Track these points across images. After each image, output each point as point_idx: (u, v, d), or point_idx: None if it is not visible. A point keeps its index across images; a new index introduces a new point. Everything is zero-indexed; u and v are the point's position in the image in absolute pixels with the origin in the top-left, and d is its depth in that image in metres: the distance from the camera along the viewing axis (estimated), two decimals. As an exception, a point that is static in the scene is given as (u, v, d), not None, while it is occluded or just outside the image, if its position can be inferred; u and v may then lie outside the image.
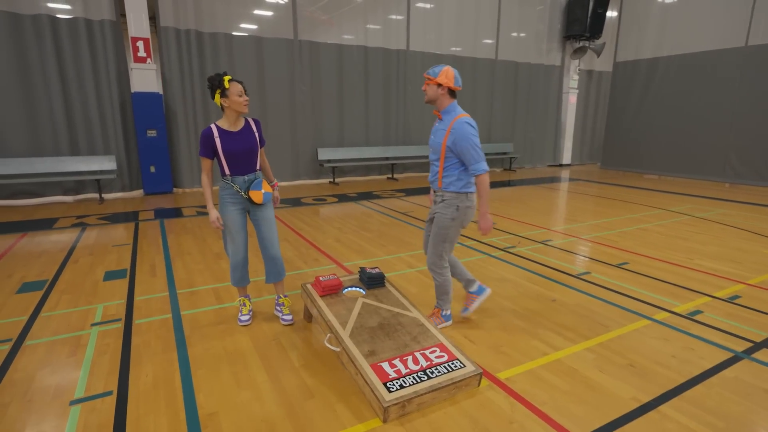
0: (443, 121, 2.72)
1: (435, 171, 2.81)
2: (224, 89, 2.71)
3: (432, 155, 2.81)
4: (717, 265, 4.41)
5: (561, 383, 2.41)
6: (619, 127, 12.17)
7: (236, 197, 2.88)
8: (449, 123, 2.67)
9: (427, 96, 2.72)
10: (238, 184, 2.85)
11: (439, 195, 2.80)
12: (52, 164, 7.39)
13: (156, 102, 7.98)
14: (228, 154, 2.80)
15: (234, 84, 2.72)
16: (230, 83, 2.70)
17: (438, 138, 2.74)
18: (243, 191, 2.85)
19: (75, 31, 7.40)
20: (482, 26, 11.56)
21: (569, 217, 6.72)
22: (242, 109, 2.76)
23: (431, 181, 2.86)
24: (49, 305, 3.39)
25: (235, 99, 2.72)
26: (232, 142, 2.79)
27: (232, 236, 2.94)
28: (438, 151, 2.73)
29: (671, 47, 10.76)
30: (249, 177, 2.88)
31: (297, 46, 9.25)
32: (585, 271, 4.20)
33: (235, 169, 2.84)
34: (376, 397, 2.10)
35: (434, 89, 2.68)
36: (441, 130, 2.73)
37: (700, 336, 2.95)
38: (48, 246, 4.97)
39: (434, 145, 2.77)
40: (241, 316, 3.09)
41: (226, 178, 2.85)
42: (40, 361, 2.61)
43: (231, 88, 2.70)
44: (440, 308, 3.04)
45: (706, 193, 8.85)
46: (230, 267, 3.05)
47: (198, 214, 6.69)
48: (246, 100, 2.76)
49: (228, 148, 2.78)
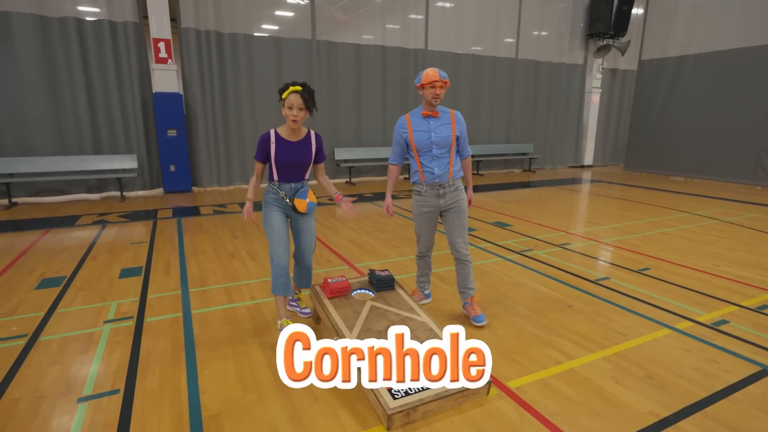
0: (440, 118, 2.90)
1: (444, 164, 2.92)
2: (280, 99, 2.70)
3: (438, 150, 2.90)
4: (745, 272, 4.21)
5: (574, 394, 2.32)
6: (644, 128, 11.81)
7: (280, 202, 2.85)
8: (449, 116, 2.92)
9: (440, 99, 2.84)
10: (284, 191, 2.84)
11: (450, 185, 2.96)
12: (76, 163, 7.59)
13: (176, 102, 8.11)
14: (279, 163, 2.77)
15: (291, 97, 2.64)
16: (289, 95, 2.64)
17: (446, 131, 2.89)
18: (288, 198, 2.83)
19: (99, 33, 7.58)
20: (502, 25, 11.38)
21: (589, 220, 6.54)
22: (289, 123, 2.70)
23: (439, 175, 2.91)
24: (65, 301, 3.45)
25: (285, 111, 2.69)
26: (287, 151, 2.77)
27: (274, 237, 2.82)
28: (448, 144, 2.90)
29: (700, 45, 10.38)
30: (296, 185, 2.85)
31: (315, 47, 9.28)
32: (604, 277, 4.06)
33: (283, 177, 2.82)
34: (381, 404, 2.05)
35: (445, 92, 2.85)
36: (445, 124, 2.90)
37: (725, 347, 2.81)
38: (69, 243, 5.09)
39: (441, 139, 2.88)
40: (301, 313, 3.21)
41: (273, 183, 2.85)
42: (52, 357, 2.65)
43: (286, 99, 2.66)
44: (473, 294, 3.15)
45: (734, 196, 8.50)
46: (273, 273, 2.83)
47: (215, 213, 6.77)
48: (294, 115, 2.66)
49: (281, 157, 2.76)
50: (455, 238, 3.03)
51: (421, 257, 3.29)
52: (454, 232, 3.03)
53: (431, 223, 3.10)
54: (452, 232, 3.04)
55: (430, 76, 2.75)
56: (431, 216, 3.06)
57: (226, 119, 8.85)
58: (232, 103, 8.82)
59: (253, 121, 9.05)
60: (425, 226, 3.11)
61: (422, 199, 3.01)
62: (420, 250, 3.26)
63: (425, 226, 3.11)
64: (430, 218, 3.07)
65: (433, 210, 3.02)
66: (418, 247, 3.25)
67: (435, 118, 2.90)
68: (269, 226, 2.84)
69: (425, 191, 2.98)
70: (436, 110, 2.88)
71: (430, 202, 2.99)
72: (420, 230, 3.15)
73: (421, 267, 3.34)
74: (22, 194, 7.45)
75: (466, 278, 3.10)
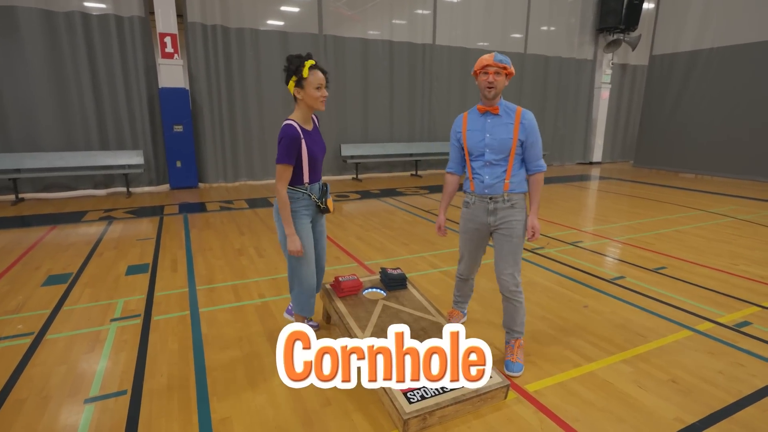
0: (501, 116, 2.34)
1: (499, 173, 2.37)
2: (301, 77, 2.22)
3: (492, 155, 2.36)
4: (765, 272, 4.09)
5: (595, 398, 2.24)
6: (655, 124, 11.63)
7: (310, 208, 2.45)
8: (514, 115, 2.33)
9: (496, 90, 2.28)
10: (315, 193, 2.45)
11: (504, 200, 2.40)
12: (83, 158, 7.56)
13: (182, 97, 8.05)
14: (312, 159, 2.35)
15: (315, 73, 2.23)
16: (311, 71, 2.22)
17: (504, 133, 2.32)
18: (320, 201, 2.46)
19: (105, 28, 7.53)
20: (511, 20, 11.23)
21: (600, 217, 6.42)
22: (318, 106, 2.30)
23: (491, 186, 2.39)
24: (72, 299, 3.41)
25: (312, 92, 2.25)
26: (311, 143, 2.35)
27: (308, 256, 2.44)
28: (507, 148, 2.33)
29: (713, 39, 10.18)
30: (321, 183, 2.50)
31: (322, 41, 9.19)
32: (619, 276, 3.97)
33: (313, 176, 2.41)
34: (396, 408, 1.98)
35: (505, 81, 2.30)
36: (506, 124, 2.33)
37: (749, 350, 2.71)
38: (75, 239, 5.05)
39: (499, 143, 2.33)
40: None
41: (302, 188, 2.38)
42: (58, 356, 2.60)
43: (310, 77, 2.22)
44: (520, 337, 2.57)
45: (748, 193, 8.34)
46: (302, 294, 2.52)
47: (221, 209, 6.71)
48: (324, 95, 2.29)
49: (312, 152, 2.33)
50: (501, 268, 2.47)
51: (462, 280, 2.82)
52: (501, 261, 2.48)
53: (477, 242, 2.59)
54: (499, 261, 2.49)
55: (484, 60, 2.27)
56: (478, 234, 2.54)
57: (233, 115, 8.79)
58: (238, 98, 8.75)
59: (260, 116, 8.99)
60: (469, 245, 2.62)
61: (469, 212, 2.52)
62: (461, 271, 2.77)
63: (469, 245, 2.61)
64: (476, 237, 2.56)
65: (481, 228, 2.50)
66: (459, 267, 2.77)
67: (494, 116, 2.36)
68: (303, 242, 2.41)
69: (473, 203, 2.48)
70: (495, 105, 2.34)
71: (478, 218, 2.48)
72: (463, 249, 2.67)
73: (461, 289, 2.87)
74: (28, 190, 7.44)
75: (512, 319, 2.54)
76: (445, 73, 10.61)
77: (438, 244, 4.88)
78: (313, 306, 2.63)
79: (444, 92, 10.71)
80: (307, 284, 2.52)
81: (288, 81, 2.27)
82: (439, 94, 10.68)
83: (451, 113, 10.93)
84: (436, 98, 10.69)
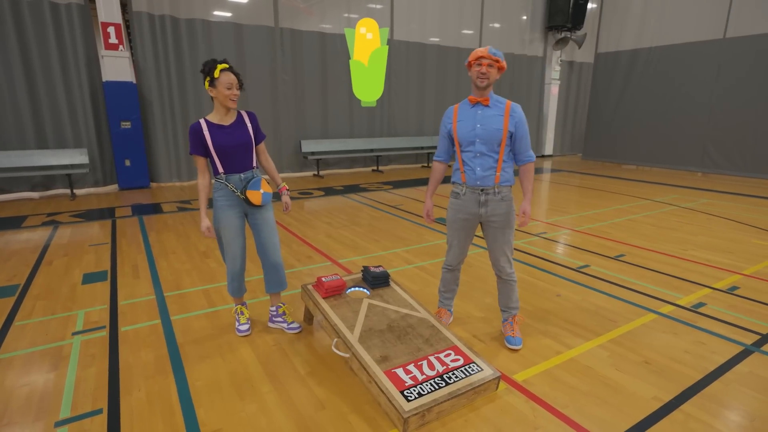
0: (492, 107, 2.41)
1: (490, 164, 2.43)
2: (213, 78, 2.43)
3: (482, 146, 2.41)
4: (710, 255, 4.44)
5: (579, 384, 2.33)
6: (600, 118, 12.29)
7: (232, 198, 2.60)
8: (504, 107, 2.40)
9: (488, 81, 2.35)
10: (234, 183, 2.59)
11: (495, 192, 2.46)
12: (17, 158, 6.93)
13: (130, 92, 7.56)
14: (219, 150, 2.52)
15: (226, 74, 2.44)
16: (222, 73, 2.43)
17: (495, 124, 2.38)
18: (239, 191, 2.58)
19: (39, 15, 6.91)
20: (466, 16, 11.43)
21: (558, 208, 6.71)
22: (228, 104, 2.49)
23: (482, 177, 2.44)
24: (23, 313, 3.12)
25: (222, 91, 2.45)
26: (223, 136, 2.52)
27: (228, 242, 2.66)
28: (498, 140, 2.39)
29: (652, 39, 10.88)
30: (246, 175, 2.62)
31: (278, 34, 8.92)
32: (584, 264, 4.16)
33: (229, 167, 2.58)
34: (395, 407, 1.97)
35: (497, 75, 2.38)
36: (496, 115, 2.39)
37: (708, 329, 2.93)
38: (17, 246, 4.63)
39: (489, 134, 2.39)
40: (240, 326, 2.83)
41: (220, 177, 2.58)
42: (17, 376, 2.37)
43: (221, 77, 2.43)
44: (517, 313, 2.77)
45: (685, 183, 9.01)
46: (227, 276, 2.78)
47: (179, 209, 6.39)
48: (234, 94, 2.48)
49: (219, 143, 2.51)
50: (498, 255, 2.60)
51: (450, 270, 2.83)
52: (497, 250, 2.58)
53: (466, 232, 2.64)
54: (494, 250, 2.60)
55: (478, 52, 2.34)
56: (467, 225, 2.60)
57: (185, 110, 8.37)
58: (191, 93, 8.33)
59: (215, 112, 8.60)
60: (458, 235, 2.65)
61: (459, 203, 2.56)
62: (449, 261, 2.79)
63: (459, 234, 2.65)
64: (466, 227, 2.61)
65: (471, 218, 2.56)
66: (447, 258, 2.79)
67: (484, 107, 2.41)
68: (221, 226, 2.62)
69: (464, 194, 2.53)
70: (486, 96, 2.40)
71: (468, 209, 2.53)
72: (452, 239, 2.70)
73: (447, 281, 2.88)
74: (-46, 194, 6.73)
75: (508, 297, 2.72)
76: (403, 68, 10.65)
77: (409, 240, 4.91)
78: (237, 288, 2.81)
79: (402, 87, 10.75)
80: (230, 267, 2.73)
81: (204, 81, 2.48)
82: (398, 90, 10.70)
83: (410, 108, 11.00)
84: (395, 93, 10.71)
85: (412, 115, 11.13)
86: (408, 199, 7.21)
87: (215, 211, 2.63)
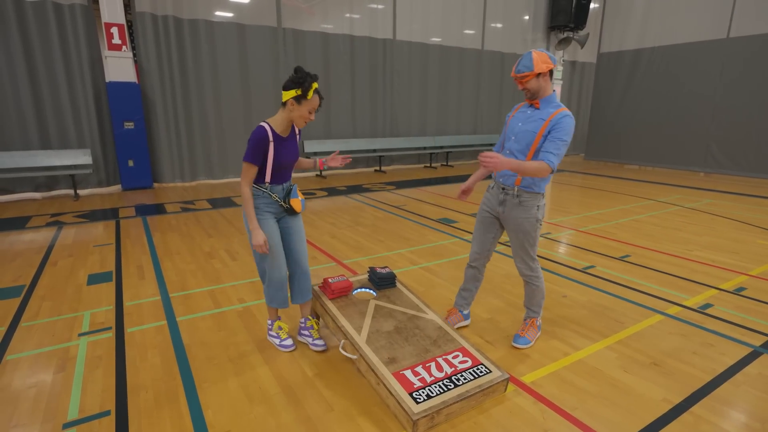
0: (540, 110, 2.39)
1: None
2: (304, 95, 2.29)
3: (515, 145, 2.43)
4: (716, 256, 4.43)
5: (588, 385, 2.33)
6: (603, 118, 12.27)
7: (273, 206, 2.51)
8: (551, 113, 2.34)
9: (530, 92, 2.38)
10: (277, 193, 2.50)
11: (514, 194, 2.47)
12: (21, 159, 6.92)
13: (133, 92, 7.56)
14: (277, 164, 2.43)
15: (315, 98, 2.34)
16: (314, 94, 2.32)
17: (532, 127, 2.38)
18: (282, 200, 2.51)
19: (42, 16, 6.91)
20: (468, 16, 11.41)
21: (562, 209, 6.70)
22: (299, 124, 2.42)
23: (504, 175, 2.48)
24: (29, 314, 3.12)
25: (304, 112, 2.35)
26: (284, 150, 2.44)
27: (273, 251, 2.49)
28: (530, 141, 2.37)
29: (655, 38, 10.85)
30: (287, 185, 2.55)
31: (281, 34, 8.92)
32: (590, 265, 4.15)
33: (276, 179, 2.48)
34: (404, 410, 1.96)
35: (537, 82, 2.34)
36: (539, 119, 2.37)
37: (716, 331, 2.92)
38: (22, 247, 4.63)
39: (524, 133, 2.40)
40: (283, 342, 2.66)
41: (264, 186, 2.46)
42: (24, 378, 2.37)
43: (312, 98, 2.32)
44: (536, 317, 2.77)
45: (689, 183, 8.99)
46: (270, 287, 2.57)
47: (183, 210, 6.39)
48: (312, 119, 2.41)
49: (279, 158, 2.42)
50: (514, 257, 2.65)
51: (469, 267, 2.85)
52: (513, 251, 2.64)
53: (486, 226, 2.68)
54: (513, 250, 2.66)
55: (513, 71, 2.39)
56: (488, 220, 2.66)
57: (188, 110, 8.36)
58: (194, 93, 8.33)
59: (218, 112, 8.61)
60: (479, 228, 2.72)
61: (487, 196, 2.67)
62: (470, 255, 2.82)
63: (479, 227, 2.72)
64: (486, 221, 2.67)
65: (491, 213, 2.63)
66: (470, 252, 2.84)
67: (535, 109, 2.43)
68: (266, 233, 2.45)
69: (492, 188, 2.62)
70: (536, 100, 2.41)
71: (491, 203, 2.61)
72: (475, 230, 2.78)
73: (466, 278, 2.88)
74: (-42, 194, 6.74)
75: (529, 299, 2.74)
76: (405, 68, 10.64)
77: (413, 240, 4.90)
78: (284, 299, 2.63)
79: (405, 87, 10.74)
80: (275, 277, 2.54)
81: (288, 89, 2.30)
82: (401, 90, 10.70)
83: (413, 109, 10.99)
84: (398, 93, 10.70)
85: (414, 116, 11.12)
86: (411, 200, 7.20)
87: (258, 218, 2.46)
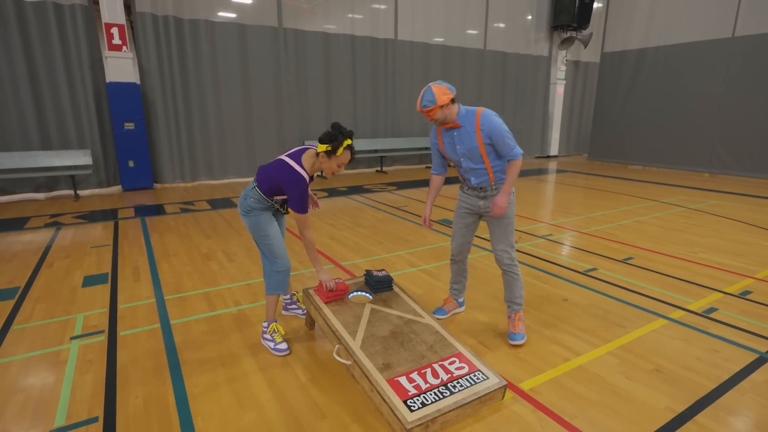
0: (463, 127, 2.54)
1: (482, 173, 2.62)
2: (333, 151, 2.41)
3: (469, 163, 2.60)
4: (721, 258, 4.35)
5: (588, 393, 2.26)
6: (606, 118, 12.17)
7: (267, 203, 2.63)
8: (473, 122, 2.51)
9: (437, 122, 2.54)
10: (279, 204, 2.69)
11: (493, 188, 2.65)
12: (21, 159, 6.92)
13: (133, 92, 7.55)
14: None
15: (346, 154, 2.46)
16: (345, 150, 2.44)
17: (470, 143, 2.53)
18: (281, 206, 2.71)
19: (43, 16, 6.90)
20: (471, 16, 11.35)
21: (564, 210, 6.62)
22: (328, 175, 2.56)
23: (477, 184, 2.66)
24: (22, 316, 3.08)
25: (333, 166, 2.48)
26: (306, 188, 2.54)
27: (279, 240, 2.66)
28: (479, 155, 2.55)
29: (659, 38, 10.75)
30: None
31: (282, 35, 8.89)
32: (592, 268, 4.08)
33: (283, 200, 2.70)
34: (397, 418, 1.91)
35: (442, 112, 2.48)
36: (469, 133, 2.53)
37: (720, 336, 2.85)
38: (19, 248, 4.60)
39: (470, 151, 2.55)
40: (278, 345, 2.63)
41: (271, 199, 2.61)
42: (13, 382, 2.33)
43: (342, 155, 2.44)
44: (520, 310, 2.81)
45: (693, 184, 8.89)
46: (280, 274, 2.66)
47: (182, 211, 6.36)
48: (340, 172, 2.62)
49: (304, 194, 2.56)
50: (495, 245, 2.76)
51: (453, 261, 3.01)
52: (494, 239, 2.76)
53: (466, 222, 2.84)
54: (493, 239, 2.77)
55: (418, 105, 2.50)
56: (468, 215, 2.82)
57: (189, 111, 8.35)
58: (194, 93, 8.31)
59: (218, 112, 8.59)
60: (459, 223, 2.88)
61: (463, 196, 2.82)
62: (452, 250, 2.97)
63: (459, 223, 2.87)
64: (467, 216, 2.82)
65: (472, 209, 2.78)
66: (451, 247, 2.99)
67: (458, 129, 2.57)
68: (267, 227, 2.60)
69: (466, 191, 2.79)
70: (455, 122, 2.55)
71: (470, 201, 2.77)
72: (454, 226, 2.92)
73: (454, 273, 3.06)
74: (-42, 195, 6.74)
75: (510, 291, 2.81)
76: (407, 68, 10.59)
77: (412, 242, 4.85)
78: (288, 284, 2.75)
79: (407, 88, 10.69)
80: (284, 263, 2.65)
81: (323, 142, 2.44)
82: (402, 90, 10.64)
83: (414, 109, 10.93)
84: (399, 94, 10.65)
85: (416, 116, 11.06)
86: (412, 200, 7.14)
87: (255, 214, 2.59)
